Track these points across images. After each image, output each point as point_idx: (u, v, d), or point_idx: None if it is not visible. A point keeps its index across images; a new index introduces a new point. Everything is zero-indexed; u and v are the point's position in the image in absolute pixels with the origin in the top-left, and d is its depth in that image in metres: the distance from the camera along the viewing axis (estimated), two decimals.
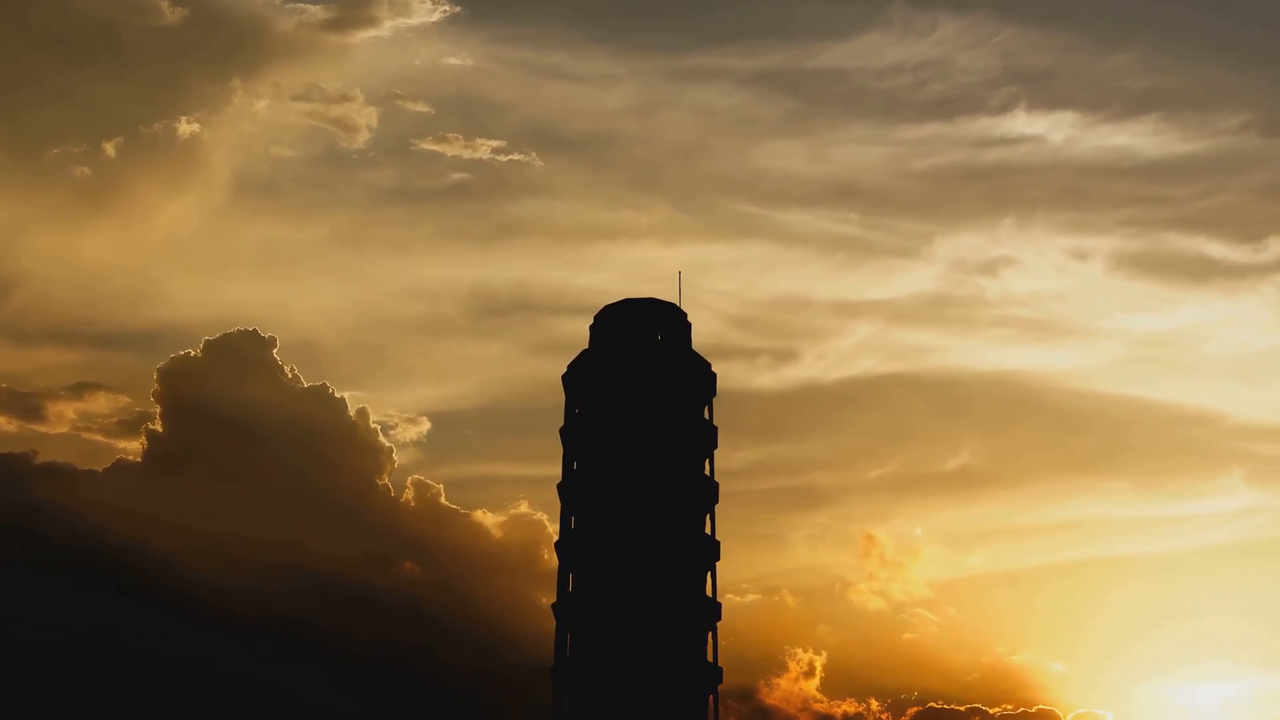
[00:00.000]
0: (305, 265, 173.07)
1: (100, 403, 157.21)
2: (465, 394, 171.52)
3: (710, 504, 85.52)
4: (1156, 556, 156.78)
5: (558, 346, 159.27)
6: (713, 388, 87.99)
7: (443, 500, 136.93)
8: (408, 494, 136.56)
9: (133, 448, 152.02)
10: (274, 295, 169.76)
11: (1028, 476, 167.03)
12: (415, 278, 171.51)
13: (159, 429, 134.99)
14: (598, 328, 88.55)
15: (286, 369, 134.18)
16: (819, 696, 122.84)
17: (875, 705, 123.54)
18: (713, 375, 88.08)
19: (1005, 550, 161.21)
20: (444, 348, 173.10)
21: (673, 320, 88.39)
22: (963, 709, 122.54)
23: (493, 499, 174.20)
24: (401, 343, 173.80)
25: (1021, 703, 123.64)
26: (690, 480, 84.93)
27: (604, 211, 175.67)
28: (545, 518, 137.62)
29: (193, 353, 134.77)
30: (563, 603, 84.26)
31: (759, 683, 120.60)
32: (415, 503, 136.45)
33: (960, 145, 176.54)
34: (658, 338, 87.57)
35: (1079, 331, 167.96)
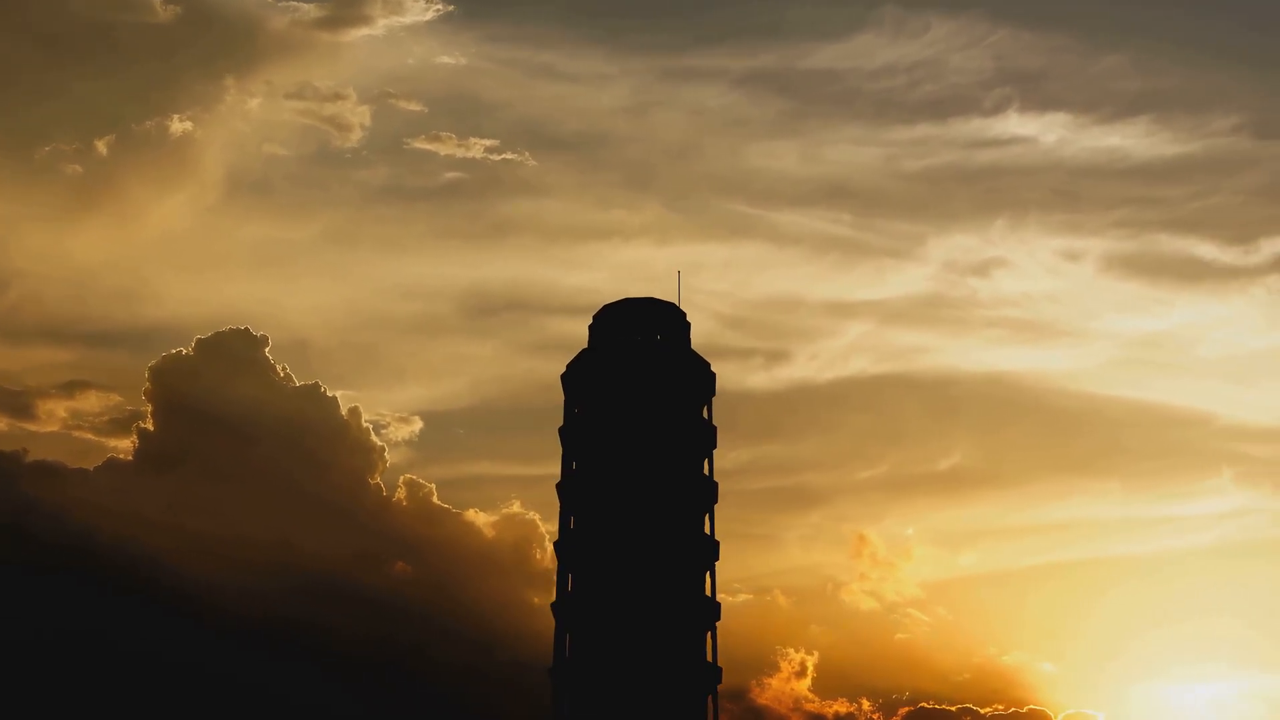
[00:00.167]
0: (298, 264, 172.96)
1: (91, 401, 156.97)
2: (457, 393, 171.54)
3: (709, 503, 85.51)
4: (1148, 557, 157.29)
5: (551, 346, 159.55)
6: (712, 387, 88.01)
7: (435, 500, 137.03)
8: (400, 493, 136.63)
9: (124, 446, 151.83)
10: (266, 294, 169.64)
11: (1020, 477, 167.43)
12: (408, 277, 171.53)
13: (150, 428, 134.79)
14: (597, 327, 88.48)
15: (278, 368, 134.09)
16: (811, 696, 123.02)
17: (867, 705, 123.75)
18: (712, 375, 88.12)
19: (997, 551, 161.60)
20: (436, 347, 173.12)
21: (672, 320, 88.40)
22: (954, 709, 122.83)
23: (485, 498, 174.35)
24: (394, 342, 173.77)
25: (1012, 703, 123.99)
26: (689, 480, 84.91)
27: (597, 211, 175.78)
28: (537, 517, 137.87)
29: (184, 351, 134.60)
30: (562, 602, 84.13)
31: (751, 683, 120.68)
32: (407, 502, 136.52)
33: (953, 146, 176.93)
34: (657, 337, 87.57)
35: (1071, 332, 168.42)
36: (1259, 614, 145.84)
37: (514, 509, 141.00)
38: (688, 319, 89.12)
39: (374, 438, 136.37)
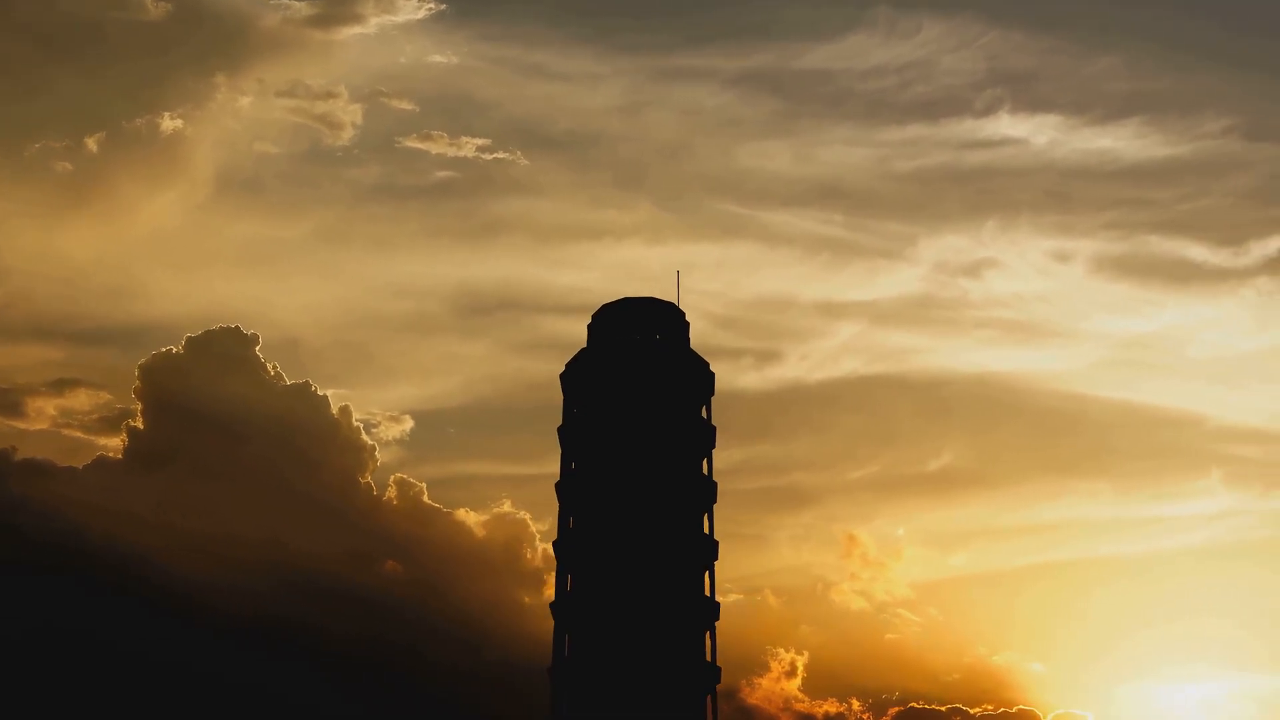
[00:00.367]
0: (288, 262, 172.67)
1: (81, 399, 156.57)
2: (448, 393, 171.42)
3: (709, 503, 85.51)
4: (1137, 558, 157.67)
5: (542, 346, 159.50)
6: (711, 387, 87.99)
7: (425, 499, 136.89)
8: (390, 492, 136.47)
9: (113, 444, 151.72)
10: (257, 292, 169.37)
11: (1010, 477, 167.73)
12: (399, 276, 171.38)
13: (140, 426, 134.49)
14: (596, 326, 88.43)
15: (269, 366, 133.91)
16: (801, 696, 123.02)
17: (857, 705, 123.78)
18: (711, 375, 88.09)
19: (987, 551, 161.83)
20: (427, 346, 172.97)
21: (671, 319, 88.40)
22: (944, 709, 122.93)
23: (475, 498, 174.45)
24: (385, 341, 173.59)
25: (1002, 703, 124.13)
26: (688, 479, 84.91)
27: (589, 211, 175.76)
28: (528, 517, 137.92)
29: (174, 349, 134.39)
30: (561, 602, 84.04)
31: (741, 682, 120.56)
32: (398, 501, 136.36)
33: (944, 147, 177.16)
34: (656, 337, 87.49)
35: (1061, 333, 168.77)
36: (1248, 614, 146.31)
37: (505, 508, 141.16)
38: (687, 319, 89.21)
39: (365, 437, 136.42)
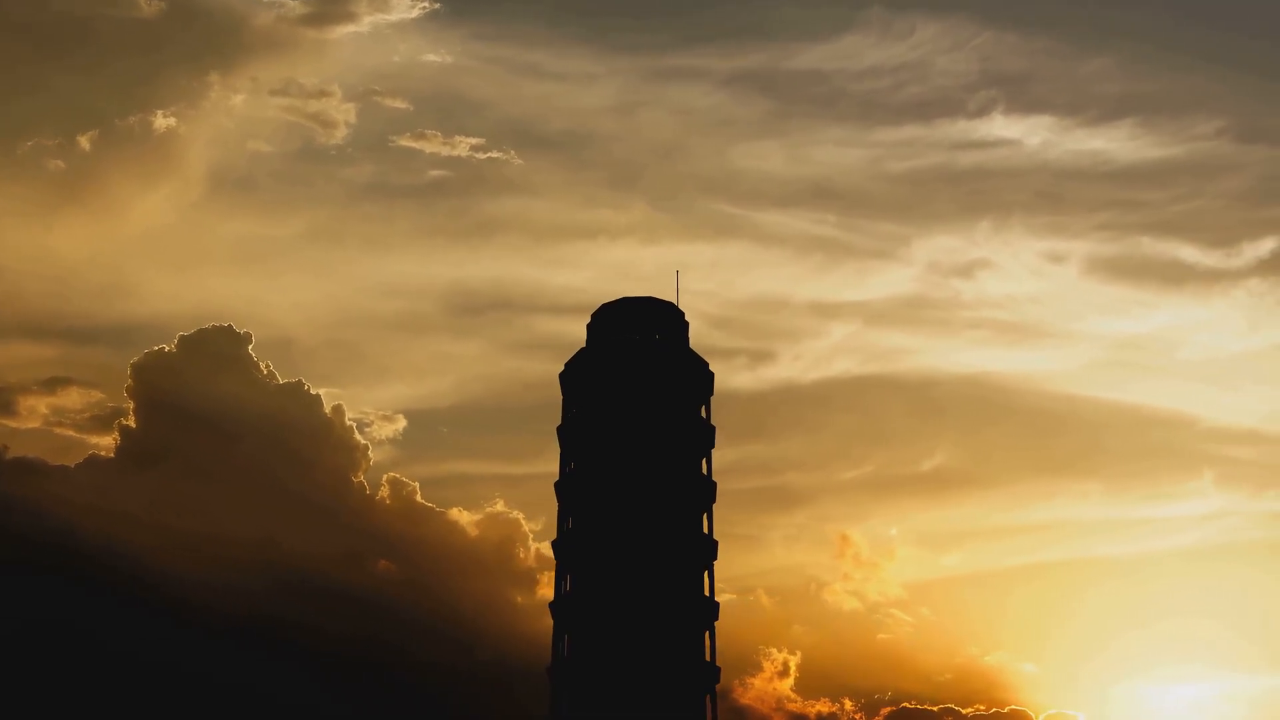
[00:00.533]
0: (281, 261, 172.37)
1: (73, 398, 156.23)
2: (441, 392, 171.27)
3: (708, 503, 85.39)
4: (1129, 558, 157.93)
5: (536, 345, 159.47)
6: (710, 387, 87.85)
7: (418, 498, 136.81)
8: (383, 491, 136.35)
9: (105, 443, 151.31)
10: (249, 291, 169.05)
11: (1002, 478, 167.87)
12: (392, 275, 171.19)
13: (132, 424, 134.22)
14: (595, 326, 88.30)
15: (262, 365, 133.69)
16: (793, 696, 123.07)
17: (849, 705, 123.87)
18: (710, 374, 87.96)
19: (979, 551, 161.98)
20: (421, 345, 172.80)
21: (670, 319, 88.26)
22: (936, 709, 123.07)
23: (468, 497, 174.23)
24: (378, 340, 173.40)
25: (994, 703, 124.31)
26: (688, 479, 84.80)
27: (583, 210, 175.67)
28: (521, 516, 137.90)
29: (167, 348, 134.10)
30: (560, 602, 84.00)
31: (734, 682, 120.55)
32: (390, 500, 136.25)
33: (938, 148, 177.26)
34: (655, 337, 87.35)
35: (1054, 334, 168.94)
36: (1239, 615, 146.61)
37: (497, 508, 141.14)
38: (686, 318, 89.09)
39: (357, 436, 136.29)
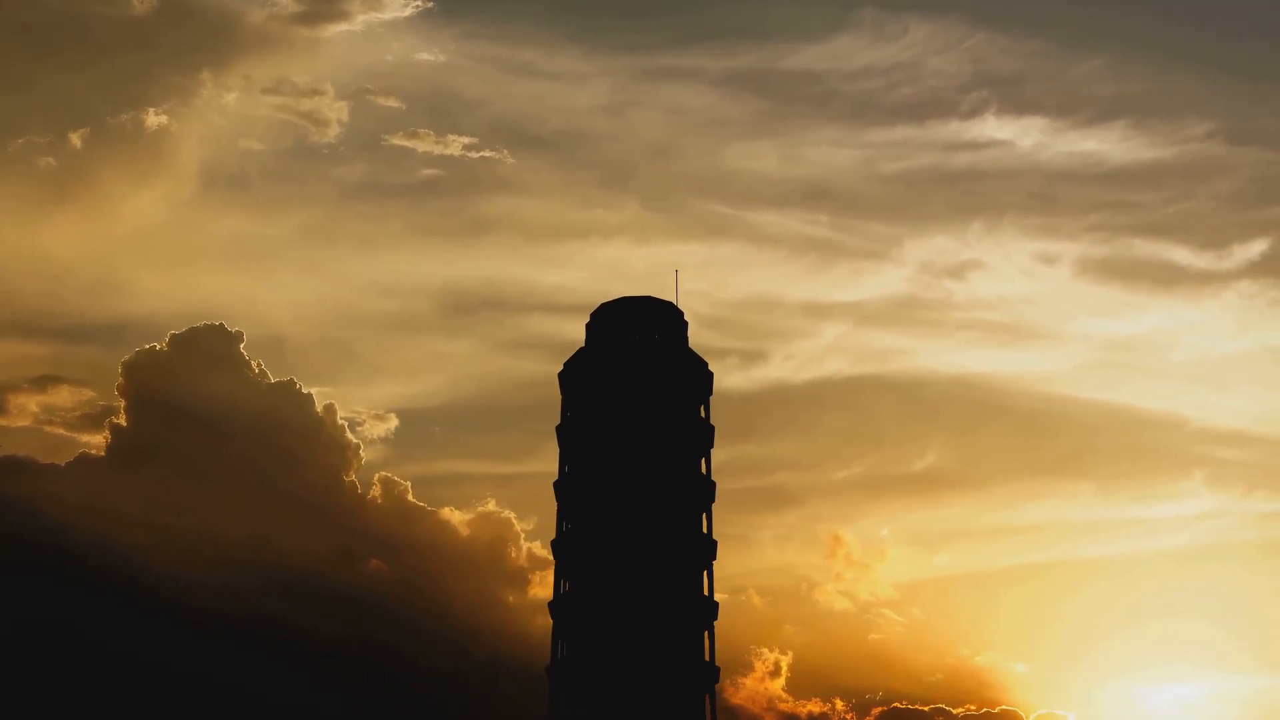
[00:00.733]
0: (273, 260, 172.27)
1: (63, 396, 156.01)
2: (433, 391, 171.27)
3: (707, 502, 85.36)
4: (1120, 559, 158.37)
5: (528, 345, 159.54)
6: (709, 386, 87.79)
7: (410, 497, 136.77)
8: (374, 491, 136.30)
9: (96, 442, 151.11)
10: (241, 289, 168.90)
11: (993, 478, 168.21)
12: (384, 274, 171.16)
13: (123, 423, 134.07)
14: (594, 326, 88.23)
15: (253, 364, 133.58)
16: (784, 696, 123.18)
17: (840, 705, 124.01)
18: (709, 374, 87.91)
19: (970, 551, 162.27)
20: (413, 344, 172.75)
21: (669, 319, 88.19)
22: (926, 709, 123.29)
23: (460, 497, 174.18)
24: (370, 339, 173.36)
25: (985, 703, 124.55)
26: (687, 478, 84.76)
27: (575, 210, 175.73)
28: (513, 516, 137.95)
29: (158, 346, 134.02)
30: (559, 602, 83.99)
31: (725, 682, 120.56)
32: (382, 500, 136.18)
33: (930, 149, 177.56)
34: (655, 336, 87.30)
35: (1045, 335, 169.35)
36: (1229, 615, 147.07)
37: (489, 507, 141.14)
38: (685, 318, 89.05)
39: (349, 435, 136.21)
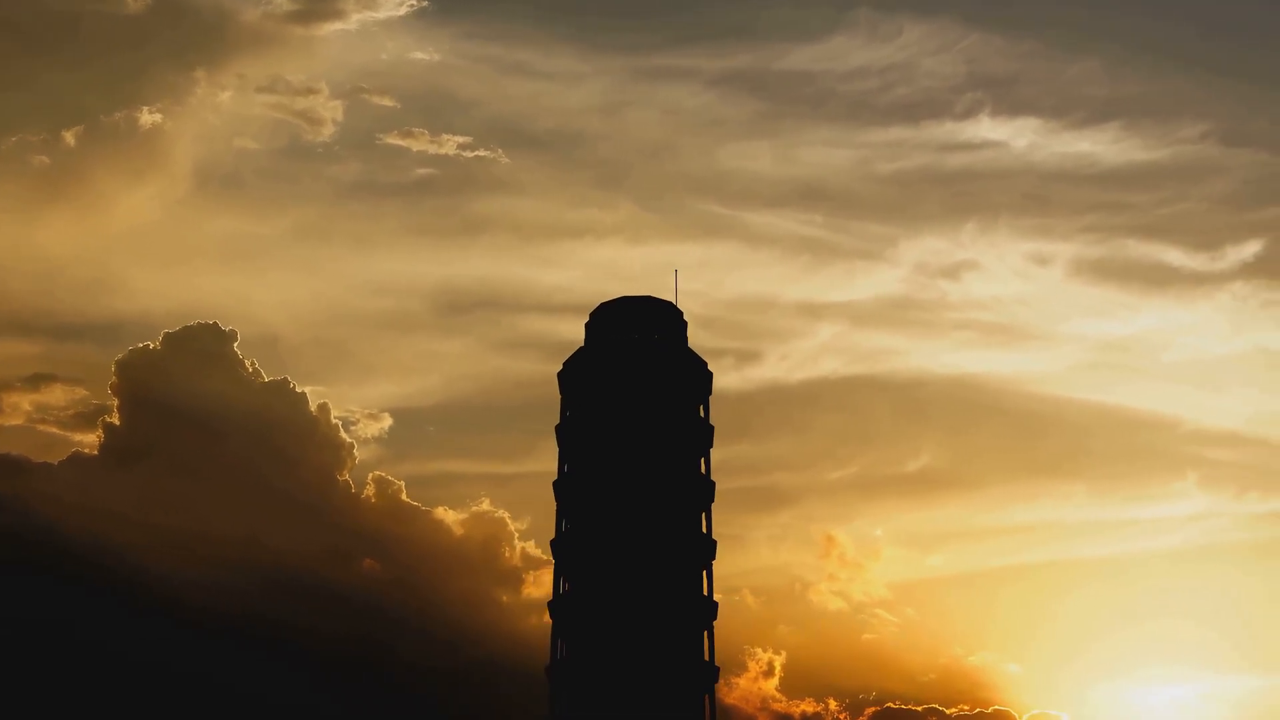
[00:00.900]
0: (267, 259, 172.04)
1: (56, 395, 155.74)
2: (428, 390, 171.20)
3: (706, 502, 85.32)
4: (1113, 559, 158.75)
5: (523, 344, 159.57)
6: (709, 386, 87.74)
7: (404, 497, 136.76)
8: (368, 490, 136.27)
9: (89, 441, 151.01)
10: (235, 288, 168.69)
11: (987, 479, 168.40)
12: (379, 273, 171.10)
13: (116, 422, 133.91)
14: (593, 325, 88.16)
15: (247, 363, 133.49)
16: (778, 696, 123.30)
17: (834, 705, 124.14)
18: (709, 374, 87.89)
19: (964, 552, 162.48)
20: (407, 344, 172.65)
21: (669, 318, 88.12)
22: (920, 709, 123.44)
23: (454, 496, 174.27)
24: (364, 338, 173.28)
25: (978, 703, 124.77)
26: (686, 478, 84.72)
27: (570, 210, 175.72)
28: (506, 515, 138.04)
29: (152, 345, 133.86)
30: (558, 602, 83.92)
31: (719, 682, 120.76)
32: (376, 499, 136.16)
33: (925, 149, 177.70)
34: (654, 336, 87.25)
35: (1039, 336, 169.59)
36: (1222, 616, 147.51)
37: (483, 507, 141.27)
38: (684, 318, 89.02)
39: (343, 434, 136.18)
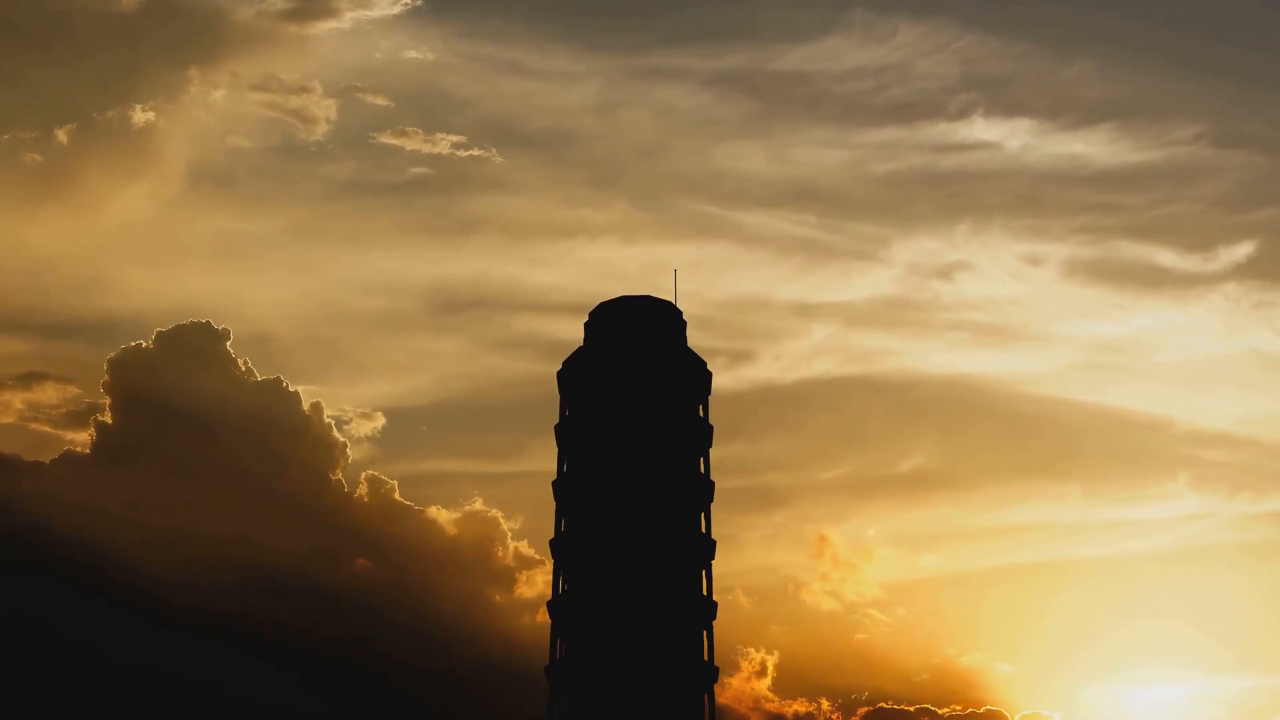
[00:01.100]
0: (261, 257, 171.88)
1: (48, 393, 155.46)
2: (421, 390, 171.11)
3: (706, 502, 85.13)
4: (1105, 560, 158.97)
5: (516, 344, 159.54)
6: (708, 385, 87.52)
7: (396, 496, 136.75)
8: (361, 489, 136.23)
9: (81, 439, 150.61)
10: (228, 287, 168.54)
11: (980, 479, 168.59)
12: (372, 272, 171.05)
13: (108, 420, 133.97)
14: (592, 325, 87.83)
15: (240, 362, 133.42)
16: (771, 696, 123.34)
17: (826, 705, 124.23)
18: (708, 373, 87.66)
19: (957, 552, 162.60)
20: (400, 343, 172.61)
21: (668, 318, 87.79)
22: (912, 709, 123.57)
23: (447, 496, 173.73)
24: (357, 337, 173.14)
25: (970, 703, 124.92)
26: (686, 478, 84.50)
27: (563, 209, 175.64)
28: (500, 515, 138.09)
29: (144, 344, 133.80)
30: (557, 601, 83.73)
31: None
32: (369, 499, 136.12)
33: (919, 150, 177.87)
34: (654, 335, 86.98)
35: (1032, 337, 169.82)
36: (1214, 617, 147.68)
37: (476, 506, 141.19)
38: (683, 317, 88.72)
39: (336, 433, 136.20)
